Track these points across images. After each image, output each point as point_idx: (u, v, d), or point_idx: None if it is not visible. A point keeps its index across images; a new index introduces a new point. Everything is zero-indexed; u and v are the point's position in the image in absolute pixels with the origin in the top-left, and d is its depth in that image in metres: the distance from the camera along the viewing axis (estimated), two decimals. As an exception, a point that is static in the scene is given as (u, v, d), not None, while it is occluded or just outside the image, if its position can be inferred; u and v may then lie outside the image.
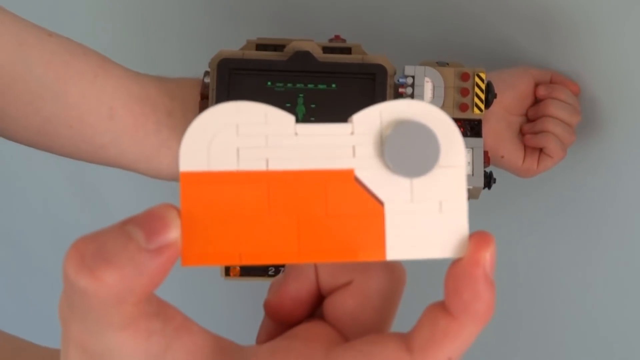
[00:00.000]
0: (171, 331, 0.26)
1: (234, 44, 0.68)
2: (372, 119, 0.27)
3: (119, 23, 0.92)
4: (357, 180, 0.27)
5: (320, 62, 0.66)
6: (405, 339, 0.26)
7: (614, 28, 0.70)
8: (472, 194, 0.69)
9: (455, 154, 0.27)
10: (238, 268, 0.68)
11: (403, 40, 0.78)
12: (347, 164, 0.27)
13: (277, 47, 0.68)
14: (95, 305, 0.24)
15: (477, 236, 0.26)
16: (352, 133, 0.27)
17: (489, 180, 0.68)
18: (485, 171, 0.68)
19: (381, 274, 0.29)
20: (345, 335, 0.29)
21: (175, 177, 0.63)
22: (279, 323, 0.31)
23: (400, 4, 0.78)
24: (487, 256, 0.26)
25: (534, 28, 0.74)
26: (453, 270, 0.26)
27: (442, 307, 0.26)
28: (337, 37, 0.70)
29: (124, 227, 0.24)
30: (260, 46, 0.68)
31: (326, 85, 0.66)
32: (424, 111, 0.27)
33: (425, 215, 0.27)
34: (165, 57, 0.90)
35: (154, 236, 0.24)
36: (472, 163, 0.67)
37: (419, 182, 0.27)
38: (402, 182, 0.27)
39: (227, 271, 0.68)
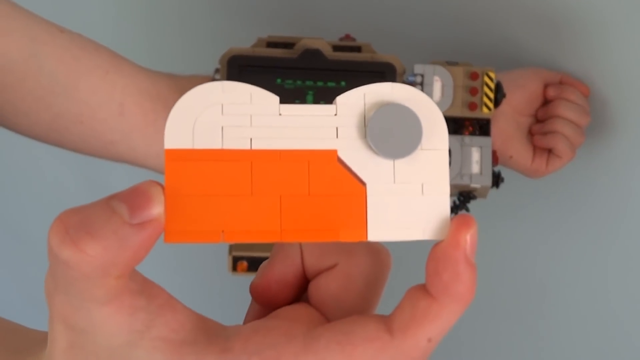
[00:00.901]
0: (155, 308, 0.26)
1: (245, 42, 0.68)
2: (355, 100, 0.27)
3: (129, 21, 0.93)
4: (339, 160, 0.27)
5: (330, 60, 0.66)
6: (386, 320, 0.27)
7: (624, 29, 0.69)
8: (480, 193, 0.69)
9: (438, 137, 0.27)
10: (245, 263, 0.68)
11: (413, 40, 0.78)
12: (330, 145, 0.27)
13: (288, 44, 0.68)
14: (78, 277, 0.24)
15: (459, 219, 0.26)
16: (336, 114, 0.27)
17: (497, 180, 0.68)
18: (493, 170, 0.68)
19: (366, 257, 0.29)
20: (329, 318, 0.29)
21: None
22: (265, 306, 0.31)
23: (411, 3, 0.78)
24: (468, 238, 0.26)
25: (545, 29, 0.74)
26: (434, 252, 0.26)
27: (423, 289, 0.27)
28: (347, 36, 0.71)
29: (109, 202, 0.25)
30: (271, 44, 0.69)
31: (335, 83, 0.66)
32: (408, 94, 0.27)
33: (407, 197, 0.27)
34: (176, 54, 0.91)
35: (137, 211, 0.25)
36: (481, 162, 0.67)
37: (401, 164, 0.27)
38: (385, 164, 0.27)
39: (235, 266, 0.68)
